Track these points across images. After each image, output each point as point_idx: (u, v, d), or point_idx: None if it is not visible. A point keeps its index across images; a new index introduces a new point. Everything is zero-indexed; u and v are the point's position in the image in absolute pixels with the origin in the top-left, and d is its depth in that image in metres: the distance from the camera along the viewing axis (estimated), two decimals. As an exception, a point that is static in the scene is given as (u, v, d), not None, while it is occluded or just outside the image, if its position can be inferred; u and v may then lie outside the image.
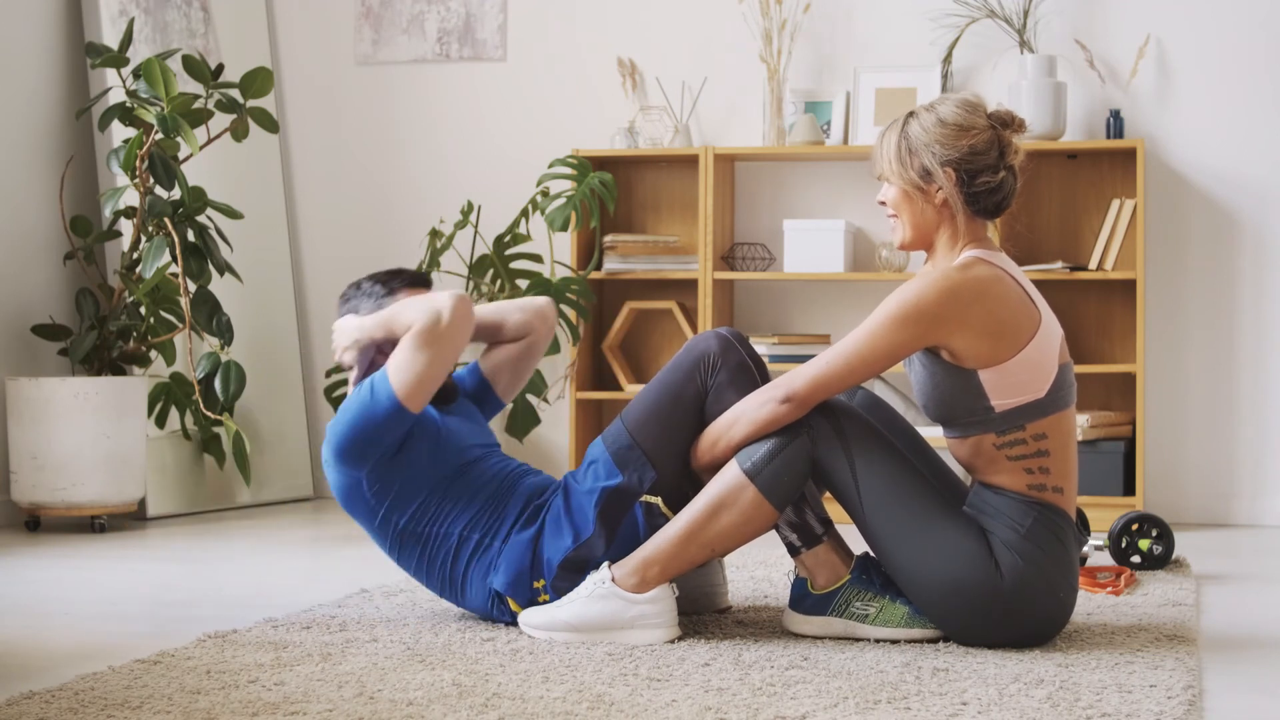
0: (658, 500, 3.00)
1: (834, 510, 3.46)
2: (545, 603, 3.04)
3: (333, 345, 3.25)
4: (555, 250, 5.48)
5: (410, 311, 3.08)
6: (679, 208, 5.54)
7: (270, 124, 4.97)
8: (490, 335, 3.37)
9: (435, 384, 3.05)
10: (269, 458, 5.59)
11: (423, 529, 3.10)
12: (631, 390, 5.32)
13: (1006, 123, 2.97)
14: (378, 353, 3.20)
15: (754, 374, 3.04)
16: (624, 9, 5.62)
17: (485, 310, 3.35)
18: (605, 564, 2.98)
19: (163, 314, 4.93)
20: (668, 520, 2.99)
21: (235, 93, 5.30)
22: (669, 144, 5.44)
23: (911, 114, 2.98)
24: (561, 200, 5.27)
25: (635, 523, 3.00)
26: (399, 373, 3.04)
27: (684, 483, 3.04)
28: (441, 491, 3.10)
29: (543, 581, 3.03)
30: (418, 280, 3.28)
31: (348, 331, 3.20)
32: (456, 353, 3.05)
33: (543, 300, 3.37)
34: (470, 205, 5.41)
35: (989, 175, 2.94)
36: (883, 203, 3.02)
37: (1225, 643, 3.05)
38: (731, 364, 3.03)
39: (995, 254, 2.95)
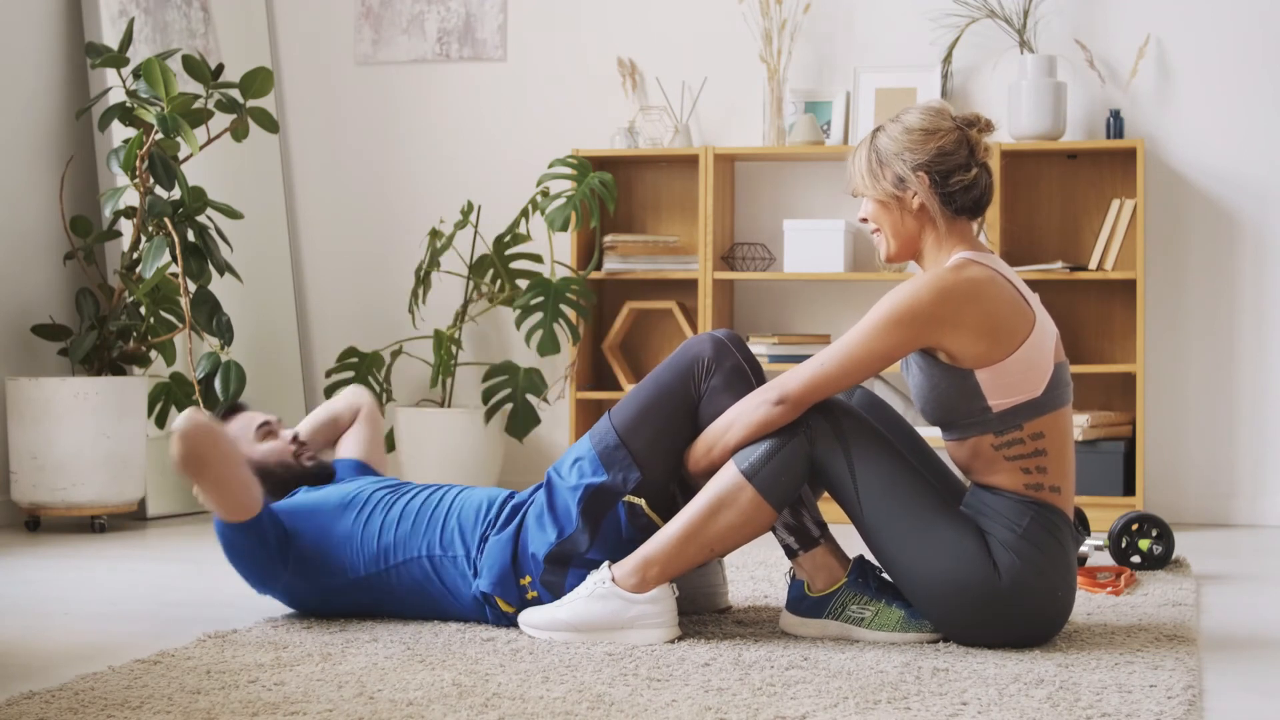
0: (641, 502, 2.99)
1: (833, 510, 3.46)
2: (534, 599, 3.04)
3: None
4: (555, 250, 5.48)
5: None
6: (679, 208, 5.54)
7: (270, 124, 4.97)
8: (334, 432, 3.60)
9: (235, 490, 3.05)
10: (269, 458, 5.58)
11: (381, 576, 3.12)
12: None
13: (973, 123, 2.99)
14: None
15: (749, 377, 3.03)
16: (624, 9, 5.62)
17: (312, 420, 3.61)
18: (606, 564, 2.98)
19: (163, 314, 4.93)
20: (650, 521, 3.00)
21: (235, 93, 5.30)
22: (669, 144, 5.44)
23: (879, 128, 3.02)
24: (561, 200, 5.27)
25: (618, 520, 3.00)
26: (211, 506, 3.09)
27: (671, 485, 3.03)
28: (373, 541, 3.13)
29: (529, 578, 3.03)
30: (229, 411, 3.49)
31: None
32: (217, 460, 3.02)
33: (349, 389, 3.69)
34: (470, 205, 5.41)
35: (961, 174, 2.96)
36: (864, 219, 3.03)
37: (1225, 643, 3.05)
38: (726, 368, 3.02)
39: (985, 255, 2.95)
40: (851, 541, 3.20)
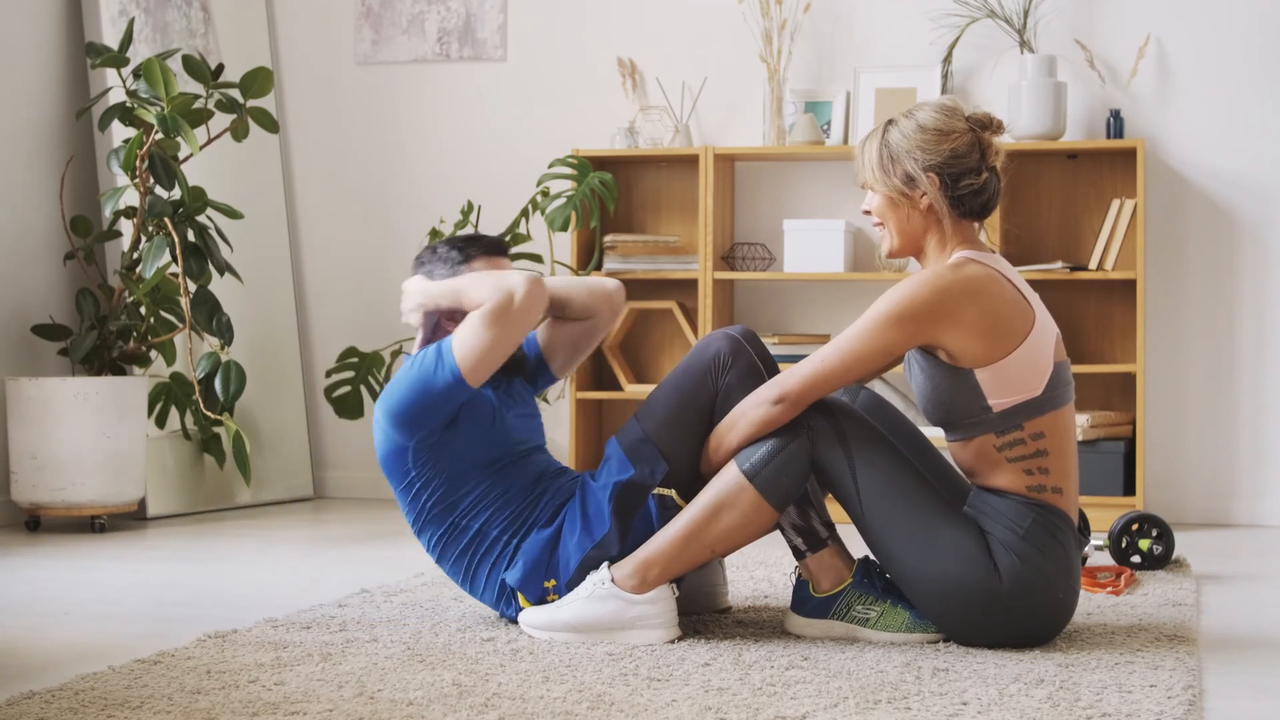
0: (671, 492, 3.00)
1: (835, 511, 3.45)
2: (553, 602, 3.04)
3: (402, 305, 3.25)
4: (555, 250, 5.48)
5: (482, 289, 3.07)
6: (679, 208, 5.54)
7: (270, 124, 4.97)
8: (554, 310, 3.32)
9: (498, 362, 3.05)
10: (269, 458, 5.59)
11: (450, 515, 3.09)
12: (631, 390, 5.32)
13: (985, 124, 2.97)
14: (447, 319, 3.20)
15: (763, 375, 3.04)
16: (624, 9, 5.62)
17: (554, 284, 3.29)
18: (605, 564, 2.98)
19: (163, 314, 4.93)
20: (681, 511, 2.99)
21: (235, 93, 5.30)
22: (669, 144, 5.44)
23: (891, 121, 2.99)
24: (561, 200, 5.27)
25: (649, 518, 3.00)
26: (464, 347, 3.04)
27: (696, 479, 3.04)
28: (480, 483, 3.09)
29: (554, 581, 3.03)
30: (494, 248, 3.24)
31: (415, 294, 3.20)
32: (523, 333, 3.06)
33: (613, 285, 3.31)
34: (470, 205, 5.41)
35: (972, 178, 2.95)
36: (868, 211, 3.02)
37: (1225, 643, 3.06)
38: (742, 365, 3.03)
39: (987, 254, 2.95)
40: (854, 542, 3.20)
